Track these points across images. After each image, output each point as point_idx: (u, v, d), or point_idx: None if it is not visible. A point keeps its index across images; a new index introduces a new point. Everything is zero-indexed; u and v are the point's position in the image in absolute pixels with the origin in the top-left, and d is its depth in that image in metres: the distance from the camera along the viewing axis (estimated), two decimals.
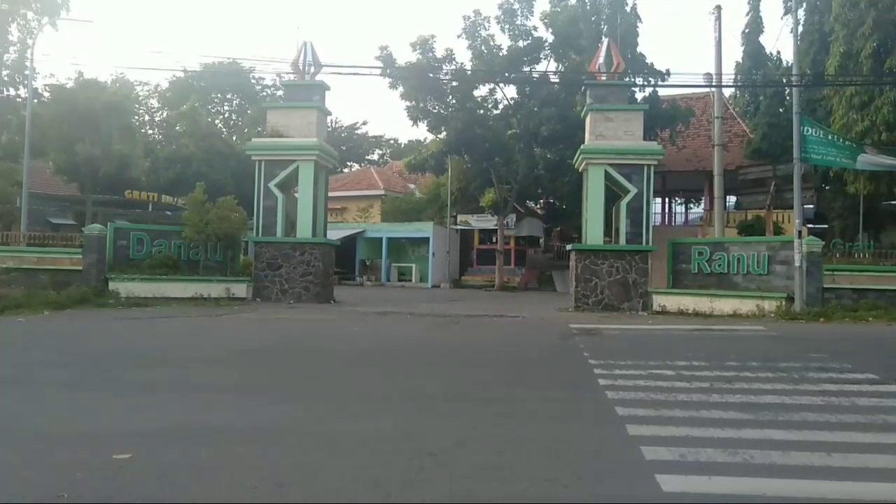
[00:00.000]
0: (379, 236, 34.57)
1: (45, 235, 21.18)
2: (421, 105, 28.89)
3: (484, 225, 34.30)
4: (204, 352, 10.38)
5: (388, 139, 62.94)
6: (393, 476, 4.32)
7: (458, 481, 4.26)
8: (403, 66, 27.98)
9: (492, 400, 6.88)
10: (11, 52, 24.35)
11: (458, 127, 28.45)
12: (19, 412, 6.18)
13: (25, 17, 24.29)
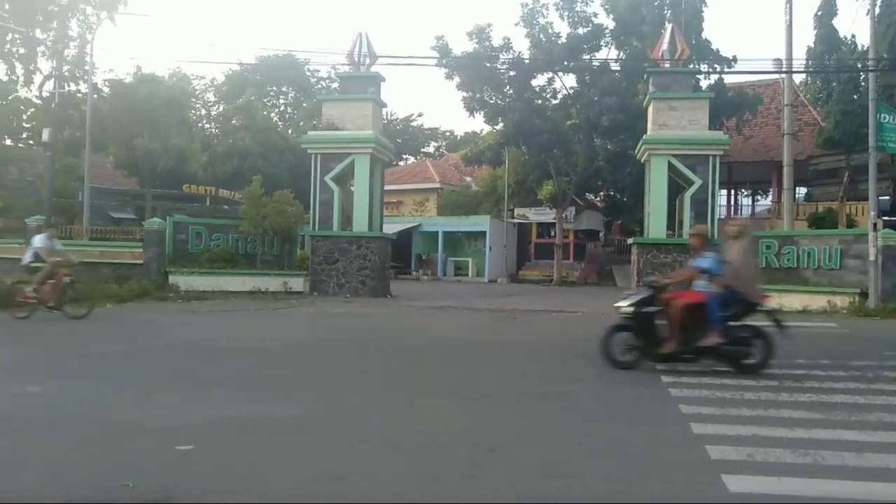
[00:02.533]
0: (435, 230, 34.25)
1: (107, 229, 21.56)
2: (477, 96, 28.39)
3: (542, 218, 33.60)
4: (262, 346, 10.36)
5: (444, 131, 62.60)
6: (449, 471, 4.23)
7: (516, 478, 4.14)
8: (459, 55, 27.55)
9: (550, 396, 6.71)
10: (72, 47, 24.87)
11: (516, 118, 27.84)
12: (86, 403, 6.23)
13: (84, 12, 24.72)
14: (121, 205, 32.64)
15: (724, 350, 7.40)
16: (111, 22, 25.52)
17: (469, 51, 27.65)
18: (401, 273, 31.51)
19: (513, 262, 34.56)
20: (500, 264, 32.96)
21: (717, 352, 7.44)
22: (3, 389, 6.70)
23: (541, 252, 33.93)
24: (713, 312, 7.32)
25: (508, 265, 33.73)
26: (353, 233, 19.81)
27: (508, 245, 34.03)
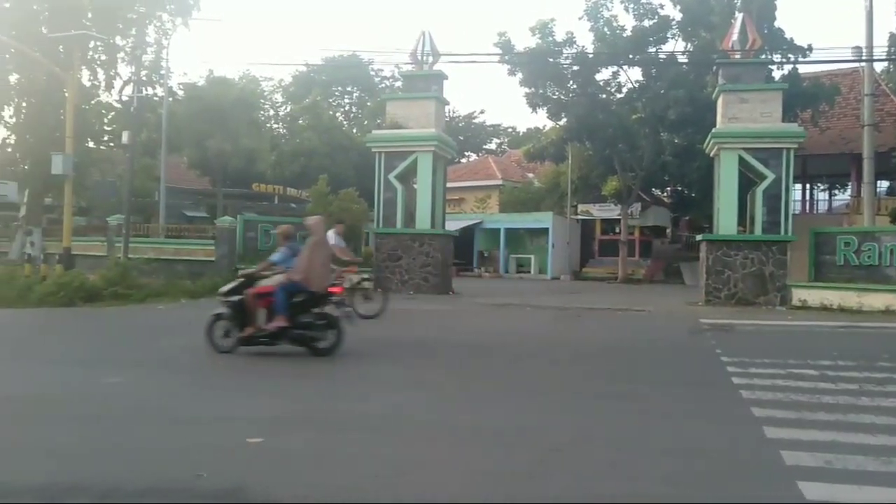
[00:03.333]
0: (497, 227, 34.14)
1: (181, 228, 22.39)
2: (540, 91, 28.11)
3: (606, 214, 33.03)
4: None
5: (506, 128, 62.21)
6: (514, 469, 4.19)
7: (582, 478, 4.09)
8: (522, 51, 27.32)
9: (615, 396, 6.59)
10: (149, 52, 25.92)
11: (580, 113, 27.44)
12: (162, 395, 6.48)
13: (161, 18, 25.74)
14: (194, 204, 33.89)
15: (292, 334, 8.27)
16: (185, 27, 26.53)
17: (532, 46, 27.36)
18: (463, 270, 31.54)
19: (576, 260, 34.12)
20: (563, 261, 32.58)
21: (287, 335, 8.27)
22: (90, 380, 7.05)
23: (605, 249, 33.35)
24: (278, 300, 8.17)
25: (572, 262, 33.31)
26: (416, 230, 19.95)
27: (572, 242, 33.61)
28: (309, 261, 8.43)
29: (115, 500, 3.53)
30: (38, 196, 24.81)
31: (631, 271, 29.59)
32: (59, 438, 4.80)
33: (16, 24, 21.67)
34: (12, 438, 4.81)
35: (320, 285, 8.45)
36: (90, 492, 3.61)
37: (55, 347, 10.01)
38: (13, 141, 24.26)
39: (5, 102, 23.56)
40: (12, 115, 23.90)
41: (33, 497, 3.55)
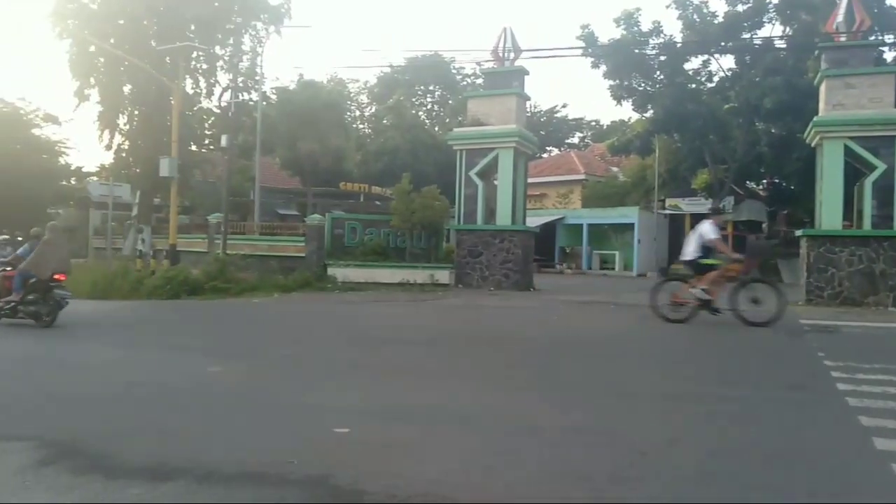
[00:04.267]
0: (579, 222, 33.66)
1: (274, 225, 23.40)
2: (625, 83, 27.53)
3: (696, 209, 31.87)
4: (410, 335, 10.79)
5: (589, 121, 61.10)
6: (601, 471, 4.10)
7: (671, 483, 3.94)
8: (606, 43, 26.81)
9: (707, 398, 6.31)
10: (245, 60, 27.29)
11: (667, 104, 26.67)
12: (257, 384, 6.81)
13: (255, 27, 27.02)
14: (286, 202, 35.30)
15: (22, 308, 11.12)
16: (278, 35, 27.74)
17: (616, 37, 26.83)
18: (544, 266, 31.29)
19: (664, 256, 33.13)
20: (649, 257, 31.77)
21: (19, 309, 11.13)
22: (195, 368, 7.57)
23: None
24: (15, 282, 11.11)
25: (659, 258, 32.39)
26: (497, 226, 20.03)
27: (659, 237, 32.71)
28: (38, 255, 11.17)
29: (213, 482, 3.77)
30: (147, 196, 26.58)
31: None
32: (168, 423, 5.17)
33: (129, 39, 23.30)
34: (129, 421, 5.23)
35: (44, 274, 11.03)
36: (191, 474, 3.87)
37: (164, 337, 10.75)
38: (126, 146, 26.08)
39: (120, 111, 25.36)
40: (126, 122, 25.69)
41: (143, 476, 3.85)
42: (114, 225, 25.96)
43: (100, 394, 6.25)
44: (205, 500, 3.55)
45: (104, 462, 4.11)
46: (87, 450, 4.35)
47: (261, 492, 3.68)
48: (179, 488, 3.70)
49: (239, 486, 3.76)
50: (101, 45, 23.05)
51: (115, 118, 25.51)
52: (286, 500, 3.56)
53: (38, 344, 9.77)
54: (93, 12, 24.07)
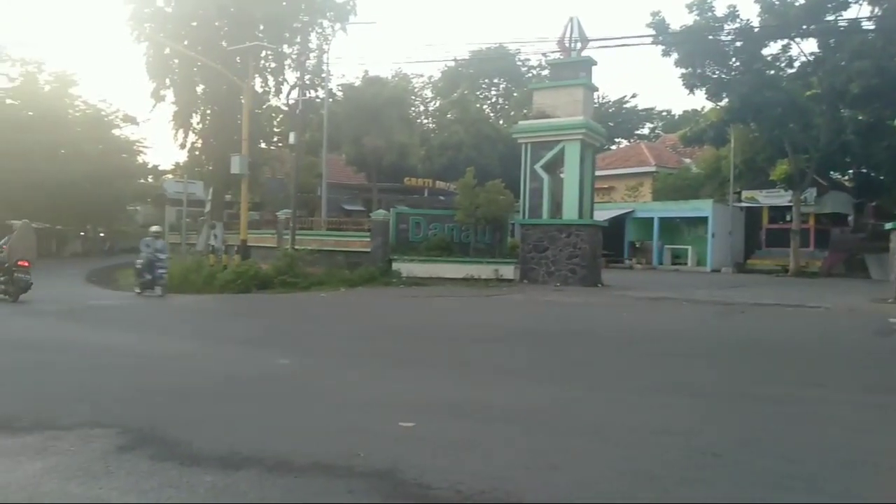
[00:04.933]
0: (650, 216, 32.84)
1: (340, 221, 23.80)
2: (698, 71, 26.59)
3: (775, 201, 30.62)
4: (475, 331, 10.74)
5: (660, 111, 59.58)
6: (669, 472, 3.97)
7: (744, 487, 3.78)
8: (678, 30, 25.95)
9: (784, 400, 6.07)
10: (312, 58, 27.79)
11: (743, 91, 25.60)
12: (324, 377, 6.95)
13: (322, 25, 27.46)
14: (352, 198, 35.85)
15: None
16: (343, 32, 28.13)
17: (689, 24, 25.94)
18: (612, 261, 30.68)
19: (739, 250, 31.99)
20: (724, 252, 30.69)
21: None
22: (265, 361, 7.73)
23: (773, 239, 30.91)
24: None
25: (734, 253, 31.28)
26: (563, 220, 19.72)
27: (734, 231, 31.54)
28: (8, 246, 14.01)
29: (283, 472, 3.82)
30: (219, 193, 27.46)
31: (804, 263, 27.22)
32: (239, 413, 5.29)
33: (201, 40, 24.11)
34: (203, 411, 5.38)
35: (11, 260, 13.81)
36: (262, 464, 3.94)
37: (236, 330, 11.08)
38: (199, 145, 27.01)
39: (193, 110, 26.29)
40: (199, 121, 26.62)
41: (216, 464, 3.93)
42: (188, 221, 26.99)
43: (176, 384, 6.44)
44: (275, 488, 3.60)
45: (180, 450, 4.22)
46: (164, 437, 4.48)
47: (329, 483, 3.70)
48: (251, 477, 3.76)
49: (308, 476, 3.80)
50: (175, 47, 23.92)
51: (189, 117, 26.43)
52: (353, 491, 3.57)
53: (117, 336, 10.19)
54: (168, 16, 25.00)
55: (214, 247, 23.40)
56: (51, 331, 10.34)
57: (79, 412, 5.12)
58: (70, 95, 38.58)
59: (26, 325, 10.80)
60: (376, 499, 3.49)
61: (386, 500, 3.48)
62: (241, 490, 3.56)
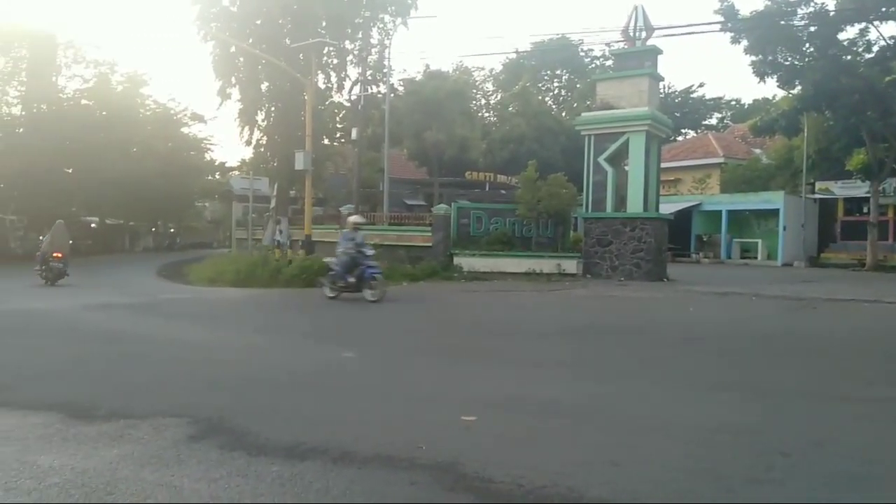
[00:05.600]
0: (718, 209, 31.86)
1: (402, 215, 24.01)
2: (769, 58, 25.57)
3: (851, 192, 29.25)
4: (536, 326, 10.68)
5: (729, 100, 57.72)
6: (736, 471, 3.88)
7: (814, 487, 3.69)
8: (748, 16, 25.01)
9: (860, 399, 5.84)
10: (373, 53, 28.05)
11: (818, 78, 24.49)
12: (387, 370, 6.98)
13: (383, 20, 27.70)
14: (413, 192, 36.10)
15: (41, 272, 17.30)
16: (405, 27, 28.28)
17: (759, 9, 24.98)
18: (678, 255, 29.95)
19: (812, 244, 30.67)
20: (796, 246, 29.49)
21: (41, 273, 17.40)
22: (330, 354, 7.89)
23: (849, 232, 29.55)
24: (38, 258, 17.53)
25: (807, 247, 30.02)
26: (627, 214, 19.35)
27: (807, 224, 30.26)
28: (46, 241, 17.48)
29: (347, 463, 3.89)
30: (284, 189, 28.09)
31: (882, 257, 25.93)
32: (305, 405, 5.42)
33: (266, 38, 24.66)
34: (270, 402, 5.51)
35: (48, 252, 17.05)
36: (326, 455, 4.02)
37: (301, 324, 11.35)
38: (264, 141, 27.69)
39: (258, 108, 26.95)
40: (264, 118, 27.27)
41: (282, 454, 4.04)
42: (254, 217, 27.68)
43: (244, 375, 6.63)
44: (339, 479, 3.66)
45: (247, 440, 4.35)
46: (233, 428, 4.62)
47: (391, 475, 3.74)
48: (316, 467, 3.84)
49: (371, 467, 3.85)
50: (240, 46, 24.54)
51: (254, 115, 27.09)
52: (416, 483, 3.60)
53: (187, 329, 10.58)
54: (233, 14, 25.65)
55: (280, 242, 23.97)
56: (125, 324, 10.80)
57: (152, 402, 5.34)
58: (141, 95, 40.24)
59: (101, 319, 11.32)
60: (438, 491, 3.51)
61: (448, 492, 3.50)
62: (307, 480, 3.63)
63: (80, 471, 3.76)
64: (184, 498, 3.40)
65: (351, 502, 3.38)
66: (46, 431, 4.53)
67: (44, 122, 30.38)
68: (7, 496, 3.41)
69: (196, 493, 3.46)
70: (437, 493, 3.48)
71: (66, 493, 3.45)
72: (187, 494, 3.44)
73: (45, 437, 4.41)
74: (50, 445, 4.24)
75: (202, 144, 47.66)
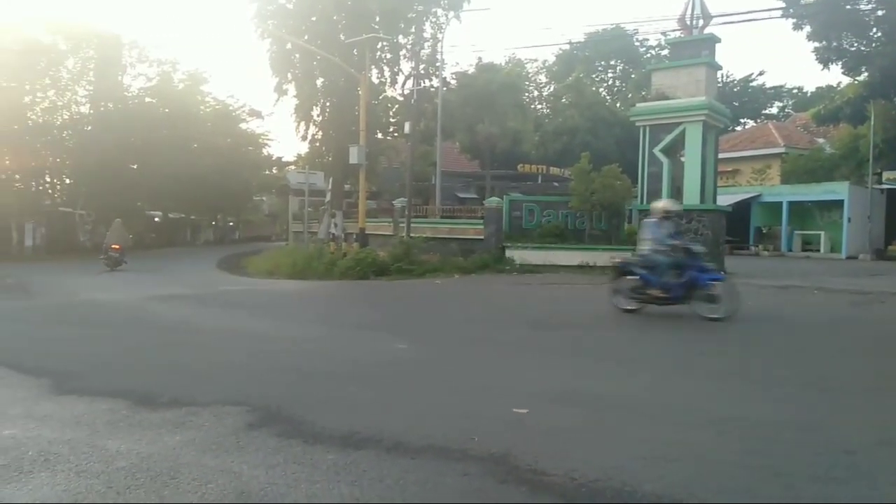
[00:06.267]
0: (778, 200, 30.82)
1: (454, 209, 24.10)
2: (834, 44, 24.64)
3: None
4: (590, 318, 10.60)
5: (790, 89, 55.62)
6: (796, 469, 3.79)
7: (880, 486, 3.59)
8: (811, 1, 24.08)
9: None
10: (426, 47, 28.14)
11: (885, 64, 23.48)
12: (434, 361, 7.07)
13: (436, 14, 27.75)
14: (465, 185, 36.12)
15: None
16: (457, 20, 28.29)
17: None
18: (737, 248, 29.11)
19: (879, 236, 29.34)
20: (861, 238, 28.27)
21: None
22: (385, 345, 8.03)
23: None
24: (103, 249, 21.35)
25: (873, 239, 28.73)
26: (684, 205, 18.86)
27: (874, 216, 28.94)
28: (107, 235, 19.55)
29: (401, 453, 3.97)
30: (339, 183, 28.51)
31: None
32: (359, 395, 5.52)
33: (321, 34, 25.05)
34: (325, 392, 5.66)
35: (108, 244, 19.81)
36: (380, 444, 4.11)
37: (356, 316, 11.52)
38: (320, 136, 28.16)
39: (314, 103, 27.42)
40: (319, 113, 27.73)
41: (337, 443, 4.15)
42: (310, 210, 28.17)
43: (300, 366, 6.82)
44: (393, 468, 3.74)
45: (303, 428, 4.48)
46: (290, 416, 4.76)
47: (444, 465, 3.80)
48: (370, 456, 3.93)
49: (423, 458, 3.91)
50: (296, 43, 24.97)
51: (310, 110, 27.56)
52: (468, 474, 3.65)
53: (246, 320, 10.91)
54: (289, 12, 26.11)
55: (335, 235, 24.37)
56: (187, 314, 11.20)
57: (212, 390, 5.55)
58: (201, 92, 41.43)
59: (164, 309, 11.76)
60: (490, 482, 3.54)
61: (500, 484, 3.53)
62: (361, 469, 3.73)
63: (145, 455, 3.95)
64: (243, 483, 3.52)
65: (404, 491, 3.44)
66: (114, 417, 4.77)
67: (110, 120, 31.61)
68: (78, 478, 3.59)
69: (255, 478, 3.58)
70: (490, 485, 3.51)
71: (132, 477, 3.62)
72: (246, 480, 3.57)
73: (113, 423, 4.63)
74: (117, 430, 4.46)
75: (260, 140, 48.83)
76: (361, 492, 3.42)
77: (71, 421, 4.69)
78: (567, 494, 3.41)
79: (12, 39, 27.59)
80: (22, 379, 5.98)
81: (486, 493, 3.43)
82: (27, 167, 30.08)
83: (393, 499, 3.35)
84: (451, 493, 3.43)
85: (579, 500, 3.35)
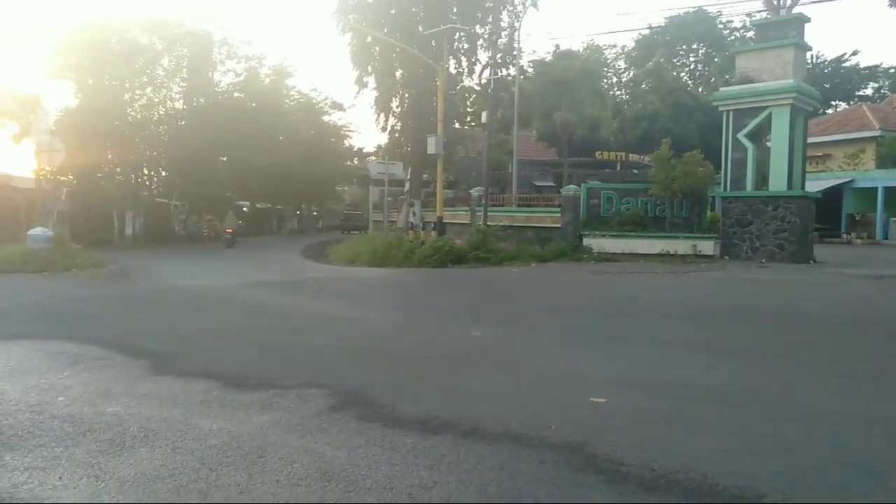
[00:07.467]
0: (872, 186, 29.12)
1: (531, 197, 24.00)
2: None
3: None
4: (670, 308, 10.41)
5: (887, 68, 51.97)
6: (891, 467, 3.68)
7: None
8: None
9: None
10: (503, 36, 28.02)
11: None
12: (517, 349, 7.15)
13: (513, 2, 27.58)
14: (541, 174, 35.84)
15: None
16: (535, 8, 28.02)
17: None
18: (827, 236, 27.71)
19: None
20: None
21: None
22: (461, 332, 8.13)
23: None
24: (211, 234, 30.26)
25: None
26: (769, 192, 18.19)
27: None
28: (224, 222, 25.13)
29: (478, 438, 4.04)
30: (417, 173, 28.89)
31: None
32: (437, 380, 5.63)
33: (399, 27, 25.37)
34: (404, 377, 5.76)
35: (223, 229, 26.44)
36: (458, 429, 4.18)
37: (434, 303, 11.77)
38: (399, 127, 28.58)
39: (393, 95, 27.84)
40: (398, 105, 28.13)
41: (416, 427, 4.25)
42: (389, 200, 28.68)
43: (380, 351, 7.02)
44: (470, 453, 3.82)
45: (383, 412, 4.61)
46: (371, 400, 4.91)
47: (520, 452, 3.85)
48: (448, 441, 4.02)
49: (500, 444, 3.97)
50: (376, 36, 25.38)
51: (389, 102, 27.98)
52: (544, 462, 3.69)
53: (330, 306, 11.29)
54: (369, 5, 26.56)
55: (413, 223, 24.73)
56: (274, 300, 11.69)
57: (297, 373, 5.77)
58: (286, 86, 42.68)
59: (253, 295, 12.30)
60: (567, 471, 3.56)
61: (577, 472, 3.54)
62: (439, 453, 3.82)
63: (235, 434, 4.16)
64: (326, 464, 3.67)
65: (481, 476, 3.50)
66: (206, 397, 5.03)
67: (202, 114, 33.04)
68: (174, 454, 3.83)
69: (337, 459, 3.73)
70: (566, 473, 3.53)
71: (223, 454, 3.82)
72: (329, 460, 3.71)
73: (205, 403, 4.89)
74: (209, 410, 4.71)
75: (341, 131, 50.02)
76: (440, 475, 3.50)
77: (168, 400, 4.96)
78: (645, 485, 3.39)
79: (115, 41, 29.24)
80: (123, 360, 6.35)
81: (562, 481, 3.44)
82: (127, 161, 31.86)
83: (470, 483, 3.42)
84: (527, 480, 3.46)
85: (657, 491, 3.33)
